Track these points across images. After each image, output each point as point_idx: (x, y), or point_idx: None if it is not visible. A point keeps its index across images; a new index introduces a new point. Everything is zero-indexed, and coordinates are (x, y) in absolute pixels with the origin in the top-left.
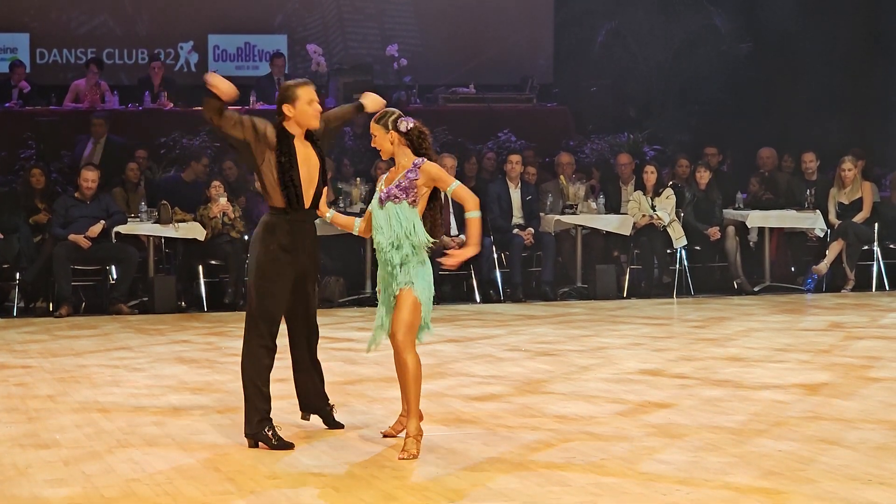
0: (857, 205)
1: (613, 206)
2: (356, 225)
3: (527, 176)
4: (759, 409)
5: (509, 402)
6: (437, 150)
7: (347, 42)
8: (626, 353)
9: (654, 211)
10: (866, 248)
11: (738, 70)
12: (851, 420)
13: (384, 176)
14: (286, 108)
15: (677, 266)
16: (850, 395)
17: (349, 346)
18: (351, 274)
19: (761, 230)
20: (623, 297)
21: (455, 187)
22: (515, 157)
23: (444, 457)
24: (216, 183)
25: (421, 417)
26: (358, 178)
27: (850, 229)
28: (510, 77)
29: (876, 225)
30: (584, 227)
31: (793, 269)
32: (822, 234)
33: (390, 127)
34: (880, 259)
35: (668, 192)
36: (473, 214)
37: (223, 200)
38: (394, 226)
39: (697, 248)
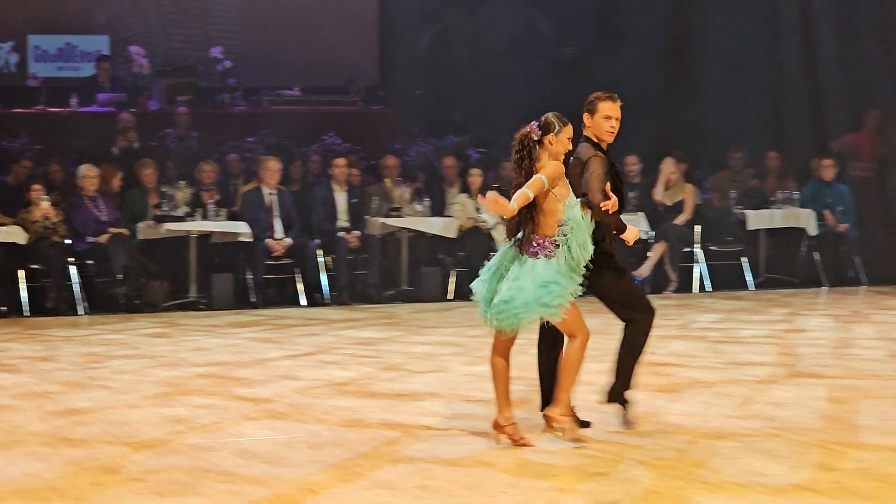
0: (679, 207)
1: (438, 209)
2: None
3: (352, 179)
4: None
5: (335, 405)
6: (262, 152)
7: (171, 43)
8: (451, 355)
9: (479, 213)
10: (688, 249)
11: (562, 73)
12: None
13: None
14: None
15: None
16: (671, 398)
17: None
18: (176, 278)
19: None
20: (448, 300)
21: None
22: (341, 160)
23: (272, 462)
24: (37, 186)
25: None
26: (182, 181)
27: (672, 231)
28: (335, 80)
29: (697, 227)
30: (409, 230)
31: None
32: (645, 237)
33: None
34: (702, 261)
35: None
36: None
37: (45, 204)
38: None
39: None
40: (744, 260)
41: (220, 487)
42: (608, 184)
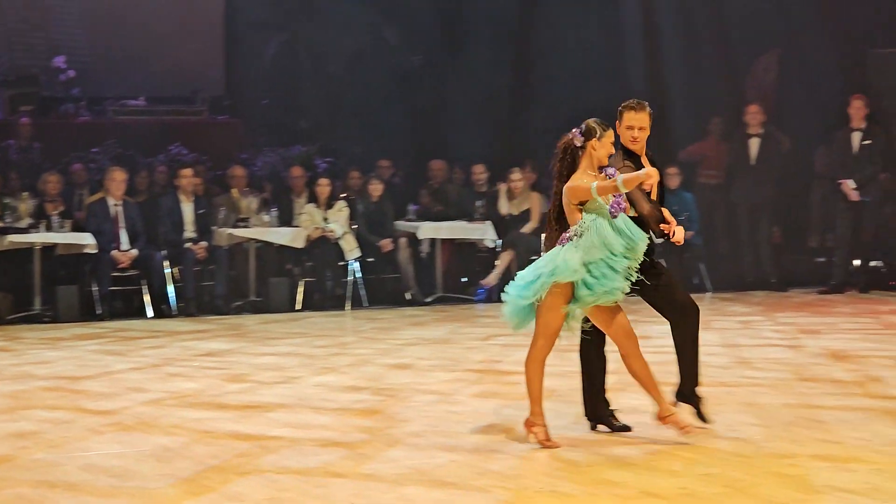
0: (526, 216)
1: (286, 219)
2: None
3: (199, 189)
4: (436, 414)
5: (183, 417)
6: (107, 163)
7: (13, 53)
8: (299, 366)
9: (327, 223)
10: (535, 258)
11: (408, 82)
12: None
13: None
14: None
15: (350, 278)
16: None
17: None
18: (19, 290)
19: (433, 241)
20: (297, 310)
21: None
22: (187, 171)
23: (120, 476)
24: None
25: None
26: (25, 193)
27: (519, 240)
28: (181, 89)
29: (543, 235)
30: (256, 241)
31: (464, 279)
32: (492, 245)
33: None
34: None
35: (341, 204)
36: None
37: None
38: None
39: (370, 259)
40: None
41: (67, 503)
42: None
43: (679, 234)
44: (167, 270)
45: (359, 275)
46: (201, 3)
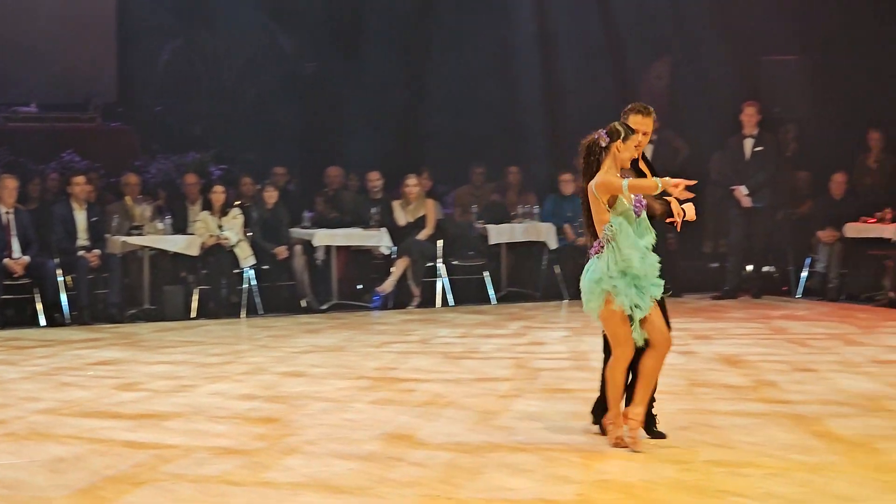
0: (421, 222)
1: (180, 227)
2: None
3: (91, 197)
4: (336, 422)
5: (77, 427)
6: None
7: None
8: (194, 374)
9: (222, 231)
10: (430, 264)
11: (303, 89)
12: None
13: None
14: None
15: (245, 285)
16: (414, 413)
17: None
18: None
19: (328, 249)
20: (192, 318)
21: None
22: (80, 178)
23: (13, 487)
24: None
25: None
26: None
27: (414, 247)
28: (73, 96)
29: (440, 242)
30: (151, 248)
31: (360, 286)
32: (387, 252)
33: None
34: (444, 275)
35: (236, 211)
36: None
37: None
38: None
39: (265, 267)
40: (486, 274)
41: None
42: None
43: (690, 212)
44: (60, 278)
45: (254, 282)
46: (93, 9)
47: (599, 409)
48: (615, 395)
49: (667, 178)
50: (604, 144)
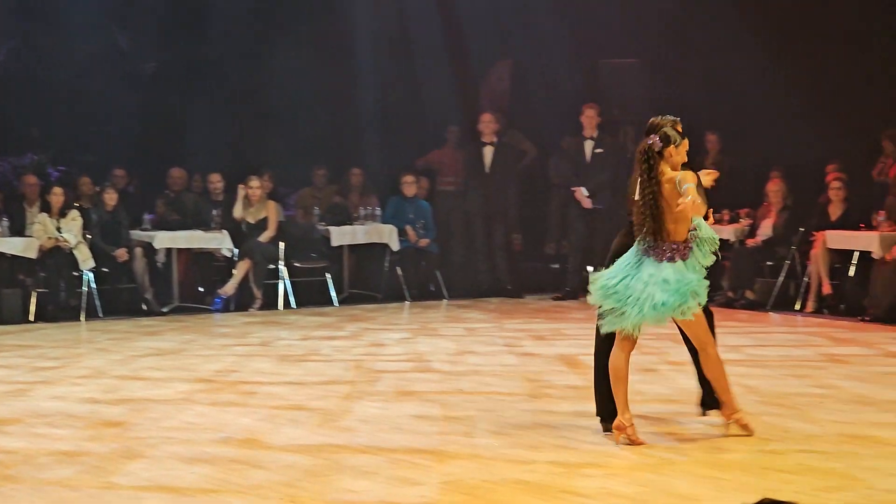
0: (262, 224)
1: (18, 229)
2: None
3: None
4: (176, 424)
5: None
6: None
7: None
8: (33, 380)
9: (60, 233)
10: (272, 266)
11: (143, 90)
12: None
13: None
14: None
15: (85, 288)
16: (247, 414)
17: None
18: None
19: (169, 251)
20: (30, 322)
21: None
22: None
23: None
24: None
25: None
26: None
27: (256, 249)
28: None
29: (282, 244)
30: None
31: (201, 289)
32: (229, 254)
33: None
34: (286, 278)
35: (74, 213)
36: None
37: None
38: None
39: (105, 269)
40: (328, 276)
41: None
42: None
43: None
44: None
45: (93, 285)
46: None
47: (606, 409)
48: (725, 384)
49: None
50: (657, 149)
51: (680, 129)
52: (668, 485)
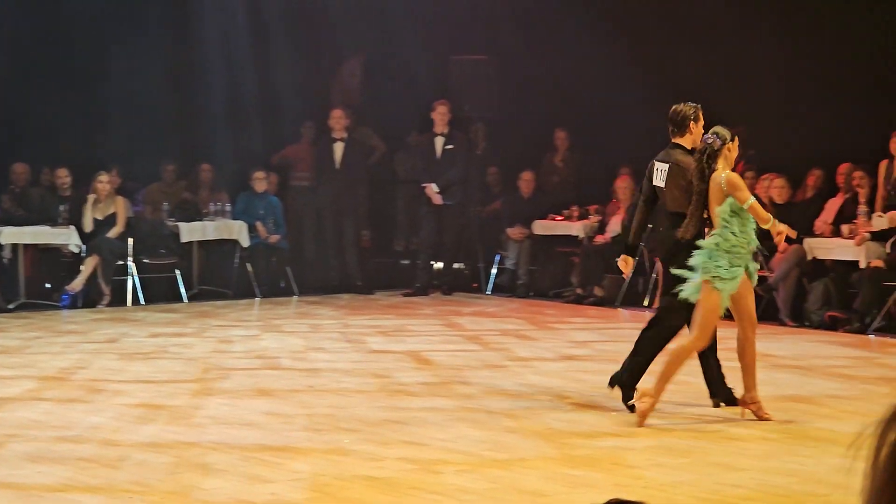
0: (111, 220)
1: None
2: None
3: None
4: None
5: None
6: None
7: None
8: None
9: None
10: (121, 263)
11: None
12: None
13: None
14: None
15: None
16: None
17: None
18: None
19: (15, 247)
20: None
21: None
22: None
23: None
24: None
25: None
26: None
27: (104, 245)
28: None
29: (130, 240)
30: None
31: (48, 285)
32: (77, 251)
33: None
34: (135, 274)
35: None
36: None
37: None
38: None
39: None
40: (177, 272)
41: None
42: None
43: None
44: None
45: None
46: None
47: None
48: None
49: (776, 223)
50: (716, 147)
51: (701, 116)
52: (518, 481)
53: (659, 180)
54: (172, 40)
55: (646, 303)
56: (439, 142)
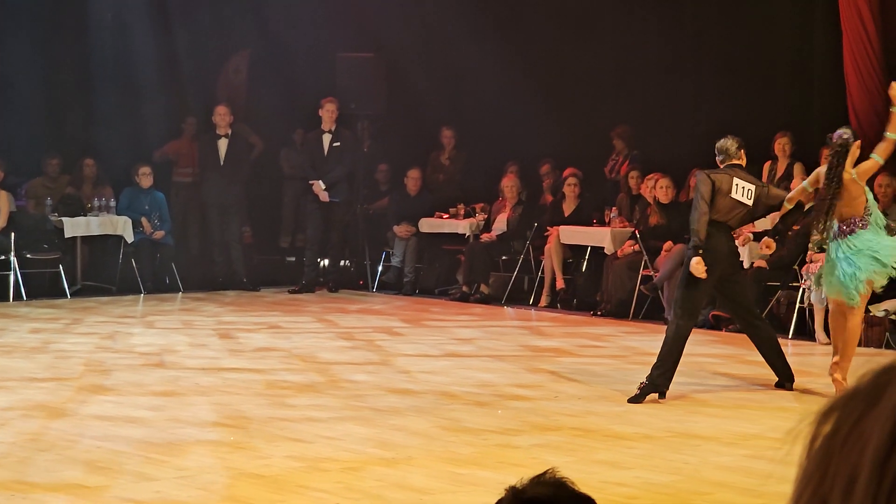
0: None
1: None
2: None
3: None
4: None
5: None
6: None
7: None
8: None
9: None
10: (3, 258)
11: None
12: None
13: None
14: None
15: None
16: None
17: None
18: None
19: None
20: None
21: None
22: None
23: None
24: None
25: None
26: None
27: None
28: None
29: (13, 234)
30: None
31: None
32: None
33: None
34: (17, 269)
35: None
36: None
37: None
38: None
39: None
40: (60, 268)
41: None
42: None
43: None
44: None
45: None
46: None
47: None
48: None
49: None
50: (848, 147)
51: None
52: (404, 479)
53: (746, 197)
54: (57, 27)
55: (531, 301)
56: (327, 139)
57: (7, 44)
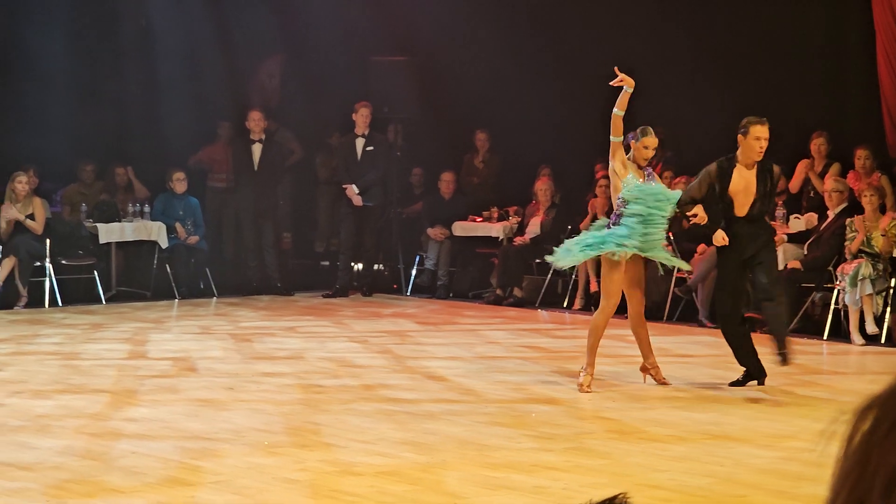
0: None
1: None
2: None
3: None
4: None
5: None
6: None
7: None
8: None
9: None
10: (39, 264)
11: None
12: None
13: None
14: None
15: None
16: None
17: None
18: None
19: None
20: None
21: None
22: None
23: None
24: None
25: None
26: None
27: (21, 245)
28: None
29: (48, 240)
30: None
31: None
32: None
33: None
34: (52, 275)
35: None
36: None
37: None
38: None
39: None
40: (95, 273)
41: None
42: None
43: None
44: None
45: None
46: None
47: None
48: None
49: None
50: None
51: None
52: (438, 483)
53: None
54: (88, 37)
55: (565, 304)
56: (360, 143)
57: (44, 52)
